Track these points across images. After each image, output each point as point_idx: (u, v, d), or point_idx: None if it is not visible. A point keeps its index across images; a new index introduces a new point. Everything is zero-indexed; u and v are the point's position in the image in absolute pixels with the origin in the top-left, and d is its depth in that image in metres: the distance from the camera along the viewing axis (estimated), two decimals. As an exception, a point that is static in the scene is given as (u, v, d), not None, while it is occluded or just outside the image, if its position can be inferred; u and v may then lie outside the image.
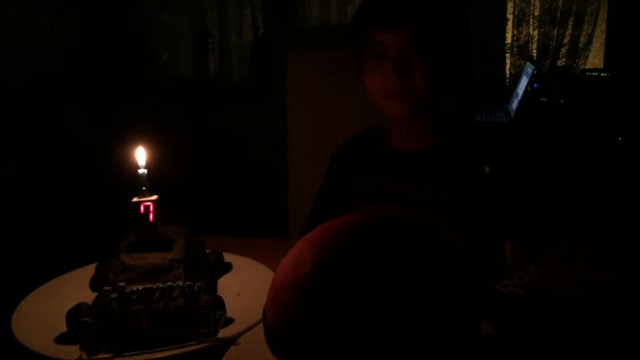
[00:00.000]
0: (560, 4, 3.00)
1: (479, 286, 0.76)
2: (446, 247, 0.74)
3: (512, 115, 2.75)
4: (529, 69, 2.77)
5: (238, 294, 0.96)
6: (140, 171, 0.91)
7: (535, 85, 2.78)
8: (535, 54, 3.06)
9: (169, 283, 0.85)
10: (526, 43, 3.07)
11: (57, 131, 2.57)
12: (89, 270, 1.01)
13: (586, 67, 3.01)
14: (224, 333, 0.84)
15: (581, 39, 3.00)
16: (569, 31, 3.01)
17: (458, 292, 0.72)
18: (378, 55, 1.08)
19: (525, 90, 2.70)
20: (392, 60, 1.06)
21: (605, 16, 2.99)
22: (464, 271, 0.73)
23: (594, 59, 3.04)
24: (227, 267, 1.06)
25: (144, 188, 0.91)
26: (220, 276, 1.03)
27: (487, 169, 1.12)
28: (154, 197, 0.92)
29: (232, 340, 0.84)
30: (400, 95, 1.08)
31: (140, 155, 0.91)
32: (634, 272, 0.81)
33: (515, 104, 2.78)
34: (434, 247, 0.74)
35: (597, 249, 0.84)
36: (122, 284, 0.84)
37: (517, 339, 0.76)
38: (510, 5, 3.08)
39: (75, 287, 0.99)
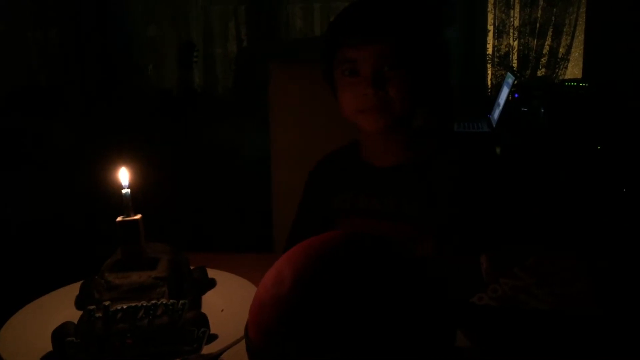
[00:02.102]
0: (539, 15, 3.07)
1: (452, 298, 0.79)
2: (419, 262, 0.77)
3: (494, 125, 2.80)
4: (510, 79, 2.82)
5: (222, 310, 0.98)
6: (124, 191, 0.92)
7: (516, 95, 2.83)
8: (515, 65, 3.12)
9: (153, 301, 0.86)
10: (507, 54, 3.13)
11: (41, 146, 2.57)
12: (74, 288, 1.02)
13: (565, 76, 3.08)
14: (207, 349, 0.86)
15: (560, 50, 3.07)
16: (548, 42, 3.07)
17: (432, 304, 0.74)
18: (351, 72, 1.10)
19: (507, 100, 2.75)
20: (366, 76, 1.08)
21: (584, 27, 3.06)
22: (438, 285, 0.76)
23: (573, 69, 3.10)
24: (212, 283, 1.07)
25: (127, 207, 0.93)
26: (204, 292, 1.04)
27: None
28: (138, 216, 0.94)
29: (215, 357, 0.85)
30: (376, 110, 1.10)
31: (123, 175, 0.93)
32: (603, 283, 0.84)
33: (496, 113, 2.83)
34: (408, 263, 0.77)
35: (566, 261, 0.86)
36: (106, 303, 0.85)
37: (492, 351, 0.79)
38: (490, 16, 3.14)
39: (60, 306, 1.00)
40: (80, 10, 3.25)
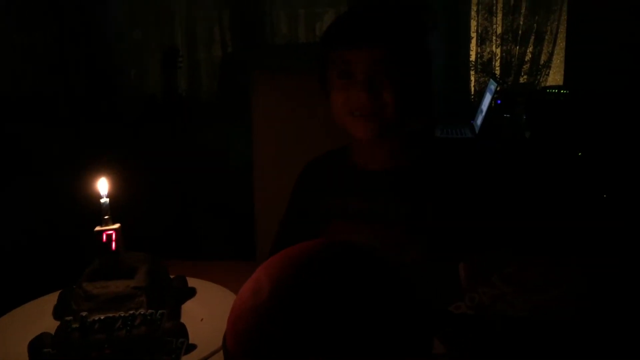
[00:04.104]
0: (521, 23, 3.10)
1: (431, 304, 0.80)
2: (397, 270, 0.77)
3: (477, 131, 2.82)
4: (492, 85, 2.85)
5: (202, 320, 0.98)
6: (102, 200, 0.92)
7: (499, 101, 2.85)
8: (498, 71, 3.15)
9: (131, 311, 0.86)
10: (489, 60, 3.15)
11: (22, 153, 2.55)
12: (53, 298, 1.02)
13: (547, 83, 3.11)
14: (186, 359, 0.86)
15: (542, 57, 3.10)
16: (530, 49, 3.10)
17: (409, 312, 0.75)
18: (345, 74, 1.10)
19: (489, 107, 2.77)
20: (360, 78, 1.08)
21: (565, 34, 3.09)
22: (416, 292, 0.77)
23: (555, 76, 3.14)
24: (191, 292, 1.07)
25: (106, 217, 0.93)
26: (184, 302, 1.04)
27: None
28: (117, 225, 0.93)
29: (194, 367, 0.85)
30: (368, 114, 1.10)
31: (102, 185, 0.93)
32: (578, 291, 0.85)
33: (479, 120, 2.85)
34: (386, 271, 0.77)
35: (543, 269, 0.87)
36: (84, 313, 0.85)
37: (468, 358, 0.79)
38: (473, 23, 3.17)
39: (38, 316, 0.99)
40: (62, 14, 3.22)
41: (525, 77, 3.12)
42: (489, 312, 0.82)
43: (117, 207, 0.97)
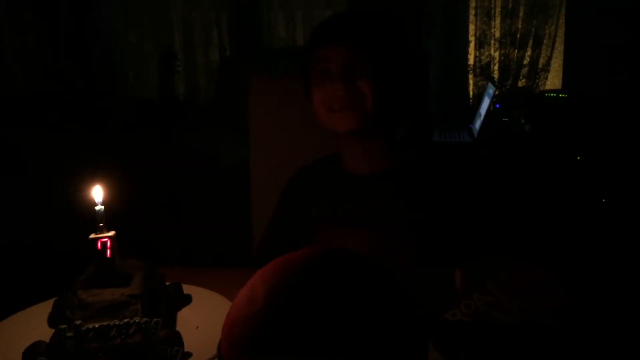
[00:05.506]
0: (519, 26, 3.10)
1: (426, 312, 0.79)
2: (393, 277, 0.77)
3: (476, 135, 2.82)
4: (491, 89, 2.84)
5: (197, 327, 0.97)
6: (97, 208, 0.92)
7: (497, 105, 2.85)
8: (496, 75, 3.14)
9: (126, 320, 0.85)
10: (488, 64, 3.15)
11: (18, 158, 2.54)
12: (47, 306, 1.01)
13: (546, 87, 3.11)
14: (181, 368, 0.85)
15: (540, 60, 3.10)
16: (528, 52, 3.10)
17: (404, 320, 0.75)
18: (324, 72, 1.13)
19: (488, 111, 2.77)
20: (336, 72, 1.11)
21: (563, 38, 3.09)
22: (412, 300, 0.76)
23: (553, 79, 3.13)
24: (187, 300, 1.06)
25: (101, 224, 0.92)
26: (179, 309, 1.03)
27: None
28: (112, 233, 0.93)
29: (189, 375, 0.84)
30: (346, 107, 1.12)
31: (97, 193, 0.92)
32: (573, 296, 0.85)
33: (478, 124, 2.85)
34: (381, 279, 0.77)
35: (538, 275, 0.87)
36: (78, 321, 0.84)
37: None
38: (472, 27, 3.16)
39: (32, 324, 0.98)
40: (57, 16, 3.21)
41: (523, 80, 3.12)
42: (484, 319, 0.82)
43: (113, 214, 0.96)
